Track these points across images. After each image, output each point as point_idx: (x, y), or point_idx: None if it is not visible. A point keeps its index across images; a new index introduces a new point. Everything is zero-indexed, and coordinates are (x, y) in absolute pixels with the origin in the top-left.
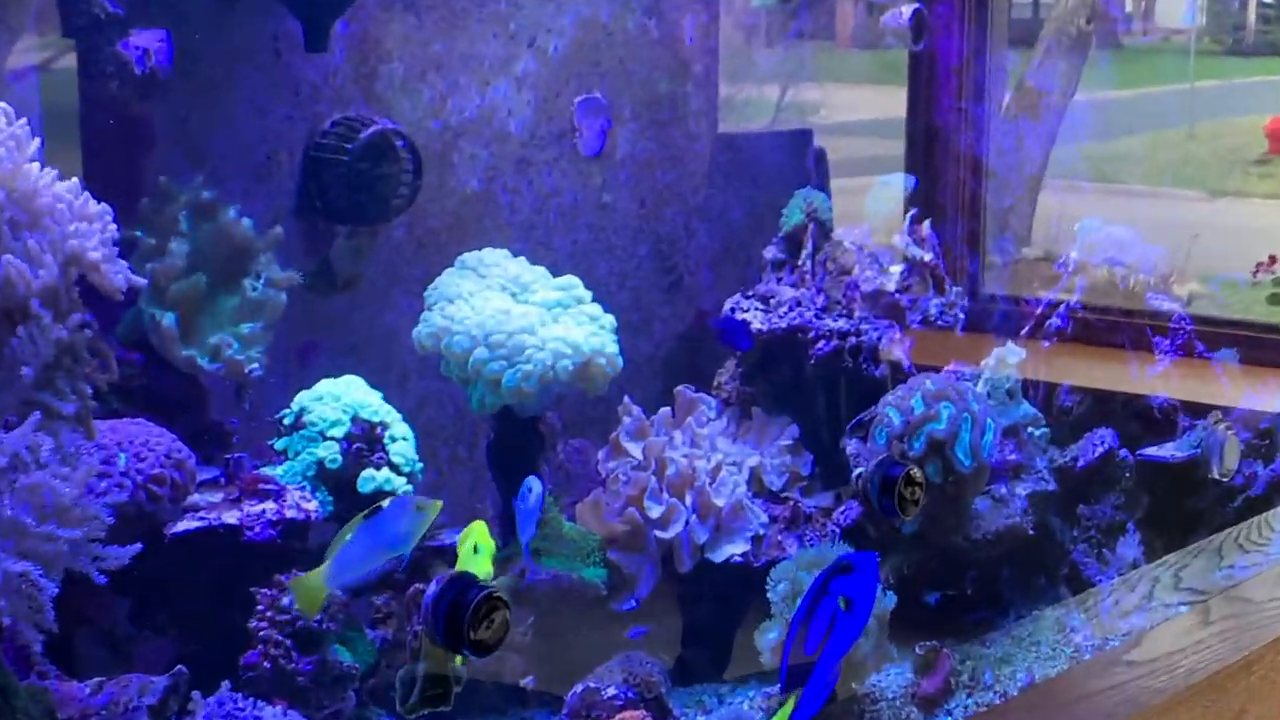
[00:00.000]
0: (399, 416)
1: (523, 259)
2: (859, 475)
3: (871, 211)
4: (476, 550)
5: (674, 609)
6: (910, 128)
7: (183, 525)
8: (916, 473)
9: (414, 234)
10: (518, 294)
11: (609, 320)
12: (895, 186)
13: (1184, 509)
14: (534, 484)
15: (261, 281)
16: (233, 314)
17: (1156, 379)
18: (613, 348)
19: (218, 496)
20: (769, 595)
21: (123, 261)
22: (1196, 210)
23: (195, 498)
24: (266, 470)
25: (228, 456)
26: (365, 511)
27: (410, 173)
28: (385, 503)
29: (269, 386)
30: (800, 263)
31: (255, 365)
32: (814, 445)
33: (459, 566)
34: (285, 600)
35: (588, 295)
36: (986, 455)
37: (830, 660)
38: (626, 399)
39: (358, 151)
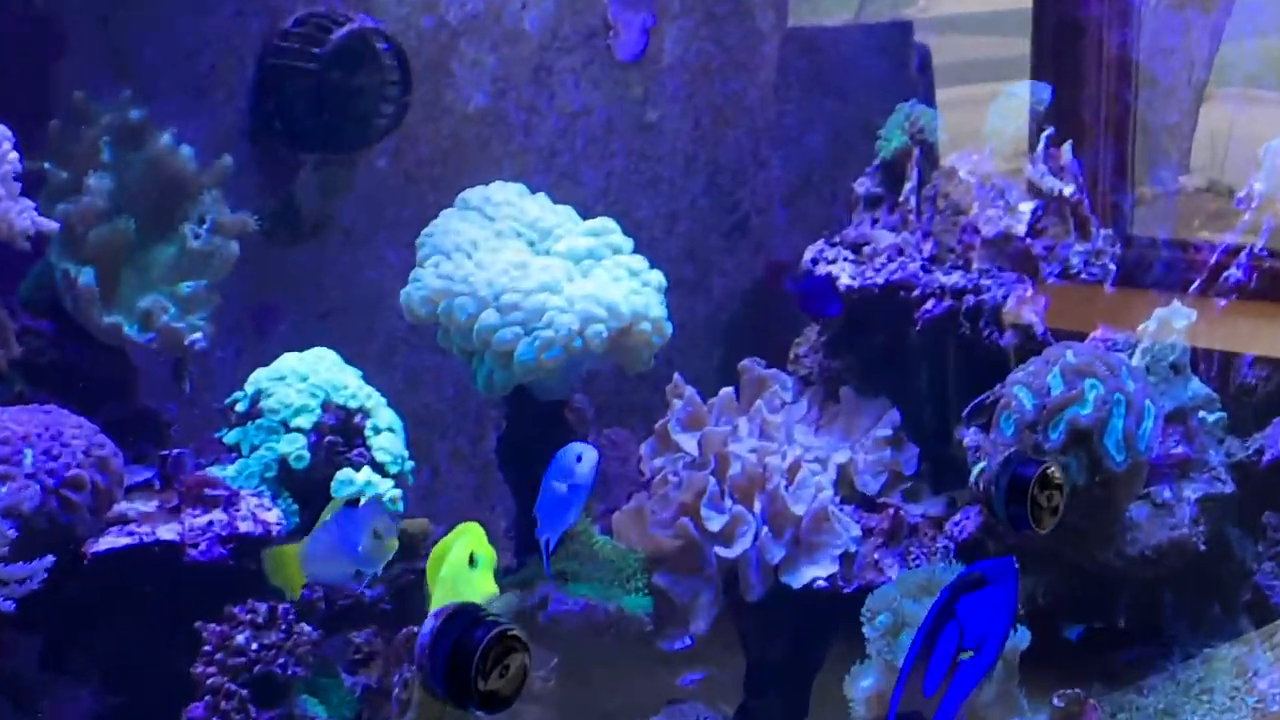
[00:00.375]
0: (383, 401)
1: (542, 196)
2: (979, 475)
3: (994, 131)
4: (473, 563)
5: (738, 647)
6: (1039, 21)
7: (107, 542)
8: (1055, 472)
9: (401, 164)
10: (536, 242)
11: (655, 276)
12: (1024, 99)
13: None
14: (586, 453)
15: (206, 227)
16: (169, 269)
17: None
18: (659, 310)
19: (151, 504)
20: (864, 630)
21: (26, 201)
22: None
23: (123, 506)
24: (214, 471)
25: (164, 453)
26: (346, 497)
27: (396, 85)
28: (364, 498)
29: (217, 362)
30: (902, 199)
31: (198, 335)
32: (919, 436)
33: (445, 584)
34: (240, 638)
35: (627, 243)
36: (1145, 448)
37: (951, 707)
38: (677, 377)
39: (328, 57)
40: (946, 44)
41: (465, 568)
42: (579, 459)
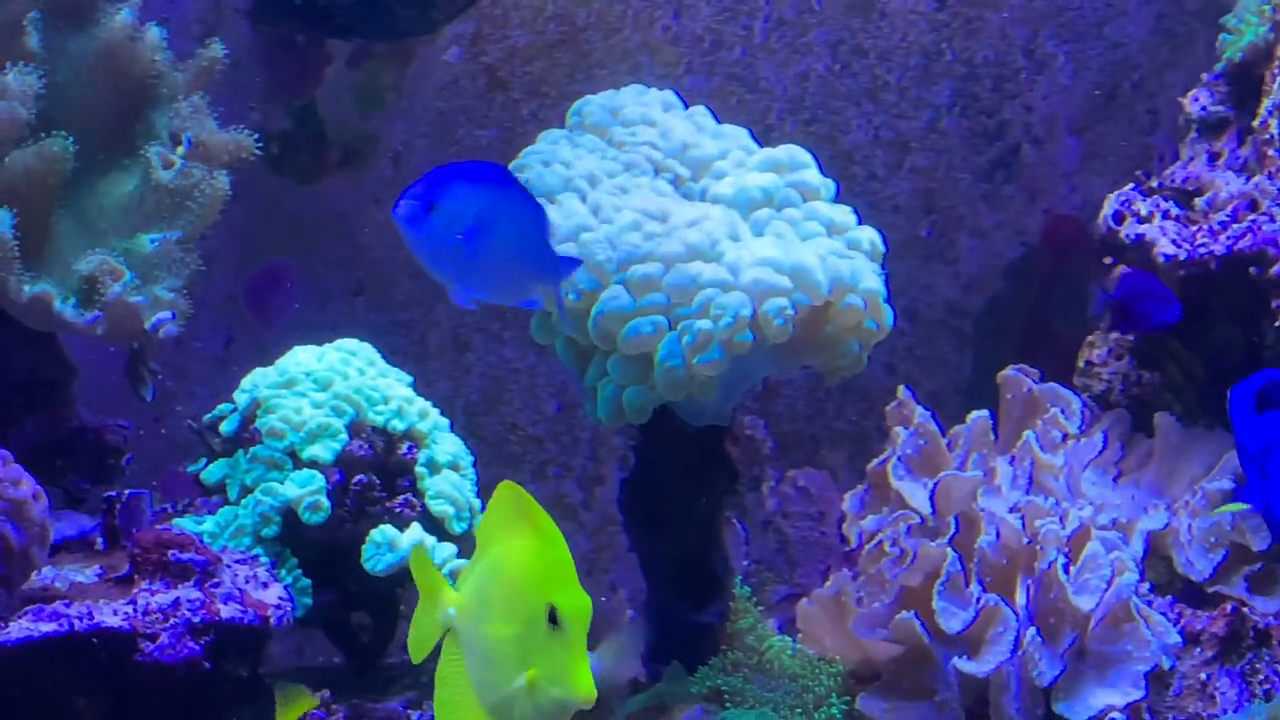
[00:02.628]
0: (445, 424)
1: (701, 111)
2: None
3: None
4: (555, 623)
5: None
6: None
7: (20, 628)
8: None
9: (481, 59)
10: (686, 179)
11: (867, 234)
12: None
13: None
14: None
15: (182, 151)
16: (125, 214)
17: None
18: (875, 283)
19: (90, 572)
20: None
21: None
22: None
23: (47, 574)
24: (185, 524)
25: (111, 495)
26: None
27: None
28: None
29: (194, 357)
30: (1258, 123)
31: (166, 315)
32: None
33: (492, 652)
34: None
35: (827, 185)
36: None
37: None
38: (903, 391)
39: None
40: None
41: (541, 625)
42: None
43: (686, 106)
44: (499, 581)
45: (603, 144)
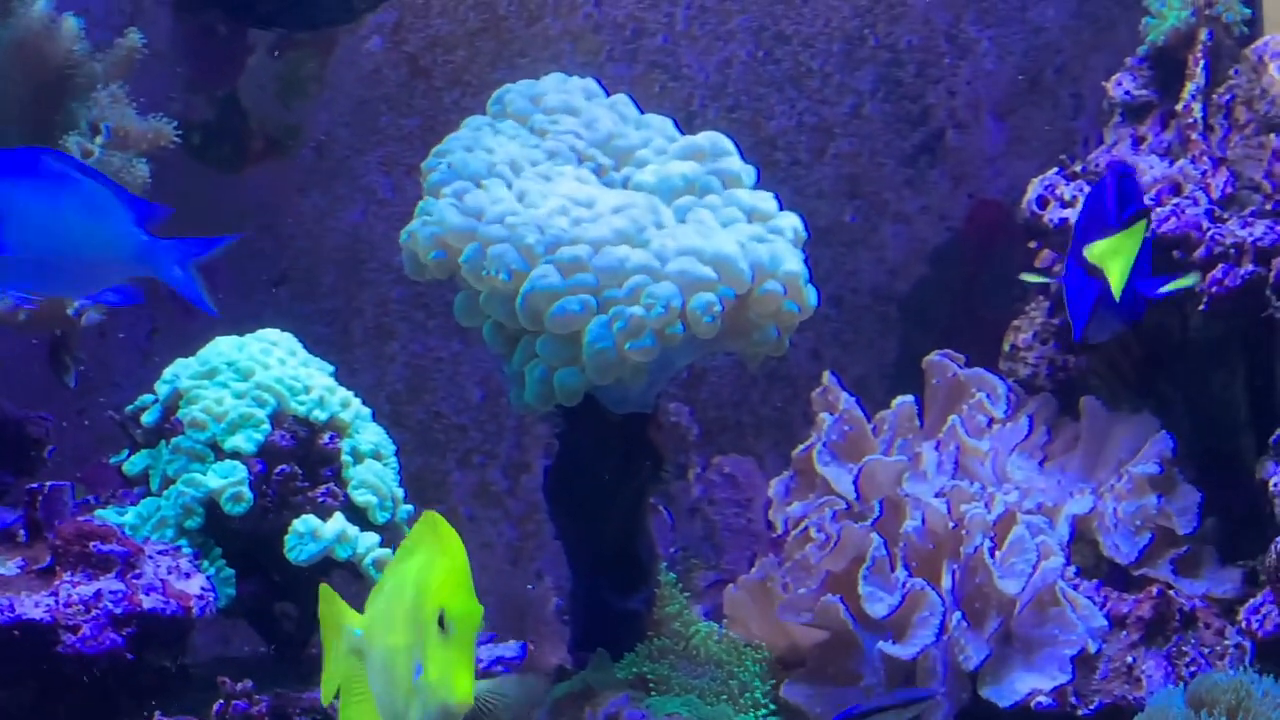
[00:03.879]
0: (368, 413)
1: (622, 99)
2: None
3: None
4: (443, 627)
5: None
6: None
7: None
8: None
9: (404, 47)
10: (608, 168)
11: (788, 220)
12: None
13: None
14: None
15: (101, 139)
16: None
17: None
18: (795, 265)
19: (11, 564)
20: None
21: None
22: None
23: None
24: (107, 516)
25: (31, 487)
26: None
27: None
28: None
29: (116, 347)
30: (1181, 107)
31: (87, 302)
32: (1202, 474)
33: (380, 655)
34: None
35: (748, 171)
36: None
37: None
38: (828, 376)
39: None
40: None
41: (433, 630)
42: None
43: (608, 94)
44: (398, 594)
45: (525, 131)
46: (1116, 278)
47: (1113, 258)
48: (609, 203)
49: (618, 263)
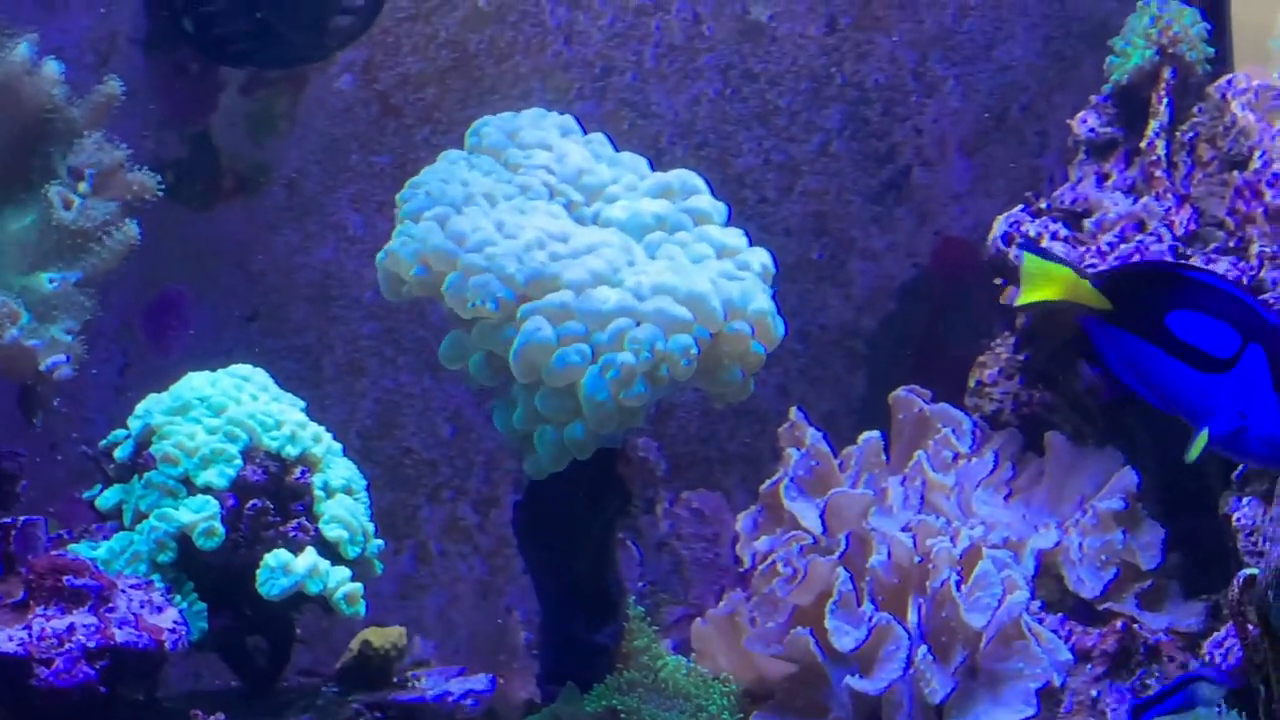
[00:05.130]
0: (339, 448)
1: (599, 137)
2: (1250, 574)
3: None
4: None
5: None
6: None
7: None
8: None
9: (375, 86)
10: (579, 204)
11: (757, 256)
12: None
13: None
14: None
15: (83, 188)
16: (22, 250)
17: None
18: (764, 303)
19: None
20: None
21: None
22: None
23: None
24: (78, 549)
25: (4, 521)
26: None
27: None
28: None
29: (90, 383)
30: (1145, 144)
31: (61, 359)
32: (1166, 509)
33: None
34: None
35: (718, 209)
36: None
37: None
38: (795, 411)
39: None
40: None
41: None
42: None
43: (585, 132)
44: None
45: (499, 166)
46: None
47: None
48: (583, 240)
49: (599, 305)
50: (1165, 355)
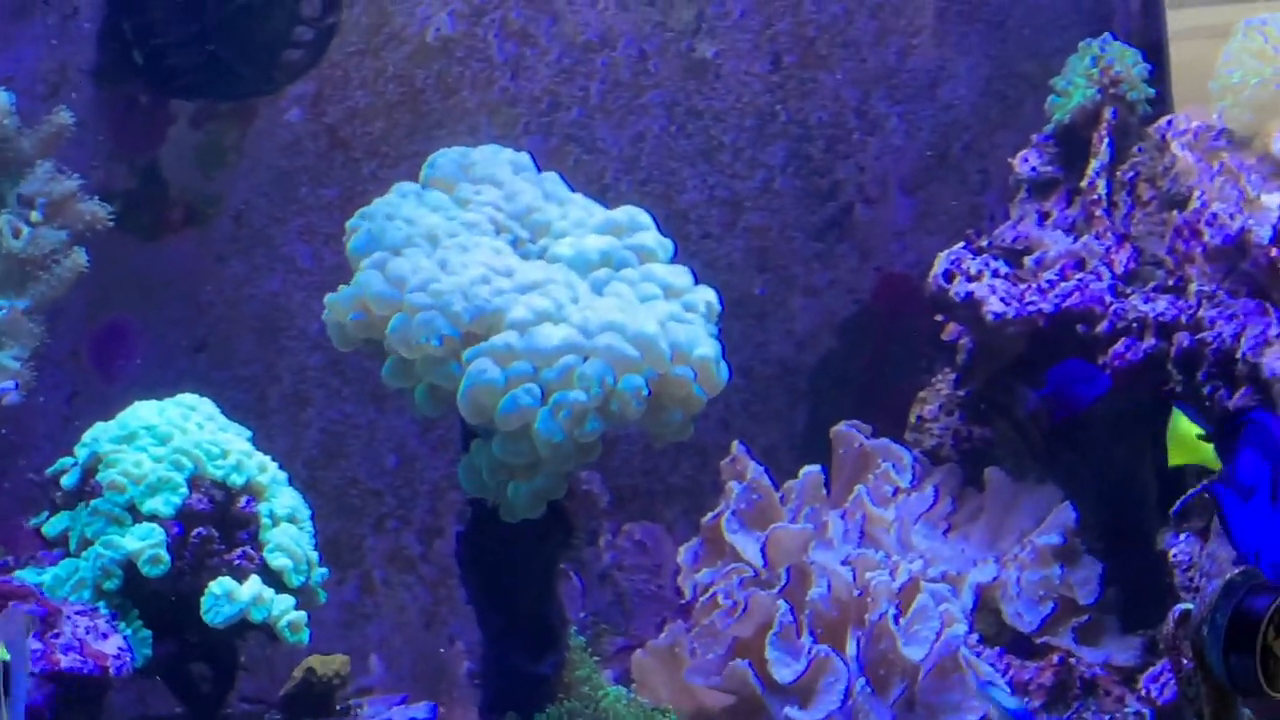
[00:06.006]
0: (284, 477)
1: (552, 176)
2: (1185, 609)
3: (1229, 85)
4: None
5: None
6: None
7: None
8: None
9: (323, 119)
10: (525, 240)
11: (703, 295)
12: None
13: None
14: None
15: (34, 217)
16: None
17: None
18: (708, 349)
19: None
20: None
21: None
22: None
23: None
24: (24, 575)
25: None
26: None
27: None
28: None
29: (36, 411)
30: (1085, 184)
31: (8, 385)
32: (1104, 545)
33: None
34: None
35: (664, 246)
36: None
37: None
38: (737, 445)
39: None
40: None
41: None
42: None
43: (539, 170)
44: None
45: (448, 201)
46: None
47: None
48: (527, 276)
49: (544, 344)
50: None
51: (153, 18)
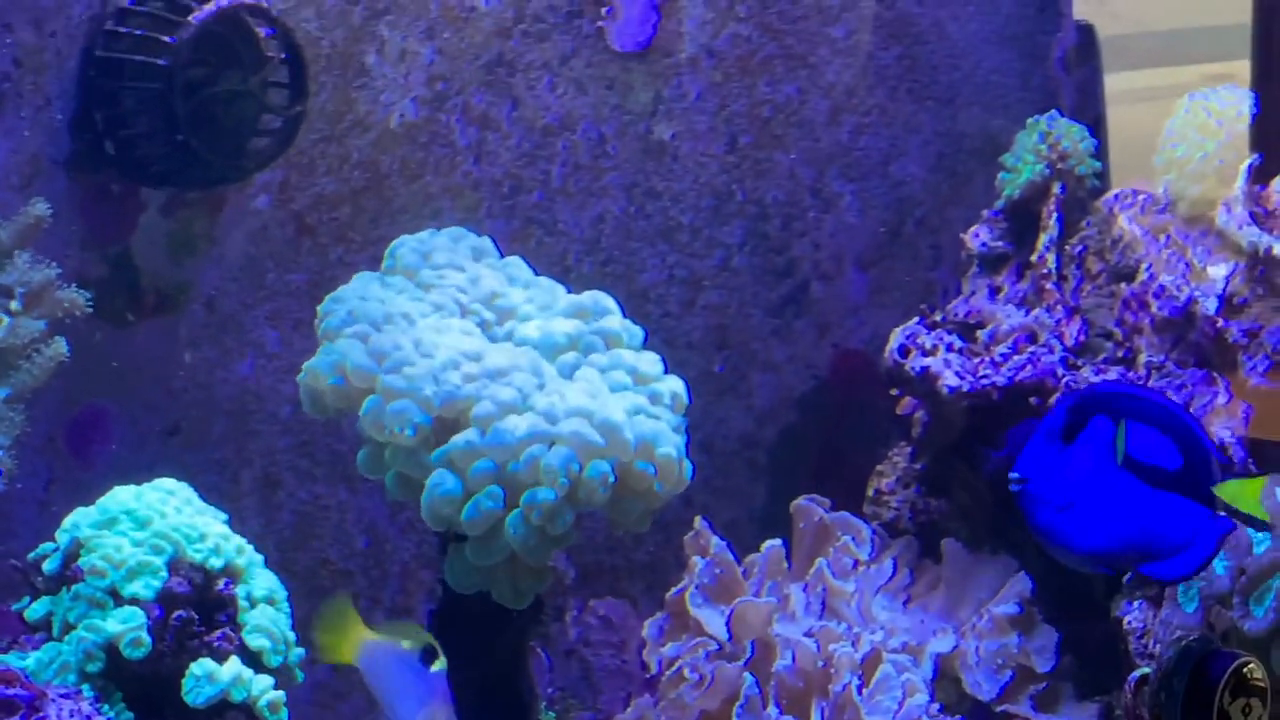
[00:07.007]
0: (260, 559)
1: (516, 260)
2: (1143, 674)
3: (1174, 158)
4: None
5: None
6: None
7: None
8: (1255, 670)
9: (291, 206)
10: (491, 323)
11: (671, 386)
12: (1223, 111)
13: None
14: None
15: (14, 306)
16: None
17: None
18: (672, 445)
19: None
20: None
21: None
22: None
23: None
24: (8, 659)
25: None
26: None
27: (286, 88)
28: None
29: (16, 498)
30: (1036, 258)
31: None
32: (1061, 613)
33: None
34: None
35: (630, 330)
36: None
37: None
38: (699, 520)
39: (185, 49)
40: (1114, 24)
41: None
42: None
43: (502, 254)
44: None
45: (411, 285)
46: None
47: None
48: (495, 360)
49: (508, 438)
50: None
51: (124, 108)
